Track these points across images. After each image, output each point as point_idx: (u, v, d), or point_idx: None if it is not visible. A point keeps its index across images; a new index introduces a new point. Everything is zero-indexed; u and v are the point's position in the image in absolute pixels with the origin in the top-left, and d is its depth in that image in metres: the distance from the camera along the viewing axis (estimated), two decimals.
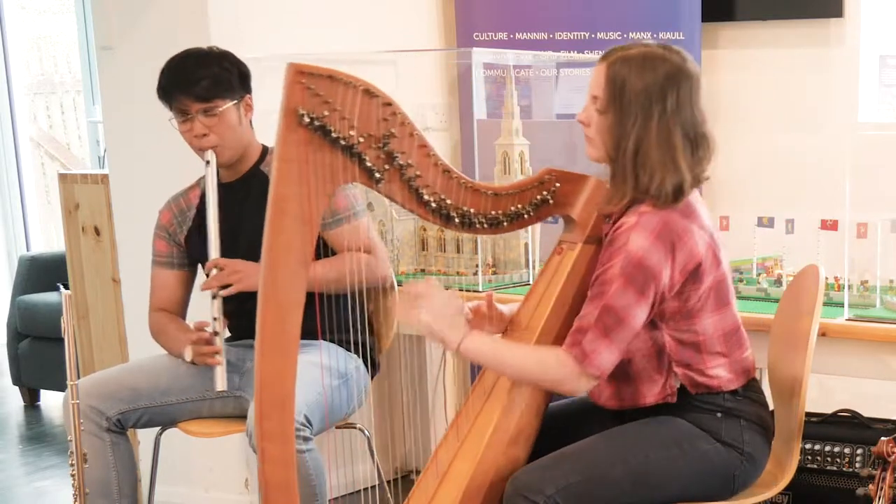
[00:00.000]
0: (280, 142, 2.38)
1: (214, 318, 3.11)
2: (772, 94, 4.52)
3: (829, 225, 3.16)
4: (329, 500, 3.06)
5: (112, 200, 4.32)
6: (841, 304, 3.18)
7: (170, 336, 3.24)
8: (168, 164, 3.83)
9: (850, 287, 3.22)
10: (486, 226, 2.63)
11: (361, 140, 2.42)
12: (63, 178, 4.84)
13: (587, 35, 4.45)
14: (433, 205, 2.55)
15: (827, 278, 2.88)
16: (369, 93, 2.42)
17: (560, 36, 4.46)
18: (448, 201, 2.56)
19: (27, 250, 7.41)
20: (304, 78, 2.36)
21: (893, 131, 4.36)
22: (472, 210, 2.59)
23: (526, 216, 2.67)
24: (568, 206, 2.69)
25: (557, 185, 2.67)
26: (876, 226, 3.12)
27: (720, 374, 2.60)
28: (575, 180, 2.69)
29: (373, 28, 4.28)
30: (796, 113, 4.46)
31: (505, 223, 2.65)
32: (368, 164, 2.45)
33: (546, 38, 4.46)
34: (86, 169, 6.80)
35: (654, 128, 2.50)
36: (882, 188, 3.90)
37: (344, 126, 2.40)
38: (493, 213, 2.62)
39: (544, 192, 2.66)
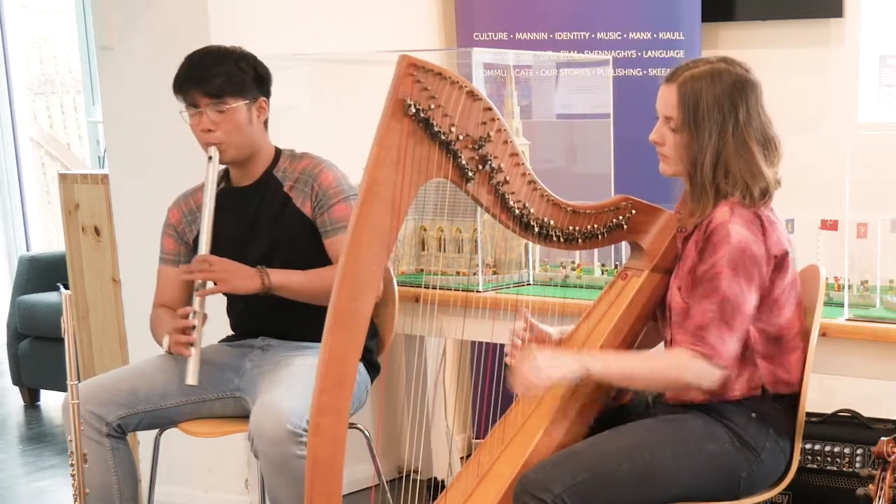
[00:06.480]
0: (382, 128, 2.43)
1: (195, 312, 3.10)
2: (772, 94, 4.50)
3: (829, 225, 3.17)
4: None
5: (112, 200, 4.32)
6: (841, 304, 3.19)
7: (159, 326, 3.22)
8: (168, 164, 3.83)
9: (850, 287, 3.22)
10: (561, 240, 2.70)
11: (460, 139, 2.49)
12: (63, 178, 4.83)
13: (587, 35, 4.45)
14: (516, 212, 2.61)
15: (827, 278, 2.88)
16: (473, 95, 2.49)
17: (560, 36, 4.46)
18: (531, 210, 2.63)
19: (27, 250, 7.41)
20: (414, 71, 2.42)
21: (893, 131, 4.36)
22: (551, 222, 2.66)
23: (600, 237, 2.74)
24: (640, 234, 2.77)
25: (633, 212, 2.74)
26: (876, 226, 3.13)
27: (795, 370, 2.66)
28: (649, 211, 2.77)
29: (373, 28, 4.28)
30: (796, 113, 4.45)
31: (580, 240, 2.72)
32: (463, 162, 2.51)
33: (546, 38, 4.46)
34: (86, 169, 6.80)
35: (730, 140, 2.59)
36: (882, 188, 3.89)
37: (445, 122, 2.46)
38: (570, 228, 2.70)
39: (619, 217, 2.74)
